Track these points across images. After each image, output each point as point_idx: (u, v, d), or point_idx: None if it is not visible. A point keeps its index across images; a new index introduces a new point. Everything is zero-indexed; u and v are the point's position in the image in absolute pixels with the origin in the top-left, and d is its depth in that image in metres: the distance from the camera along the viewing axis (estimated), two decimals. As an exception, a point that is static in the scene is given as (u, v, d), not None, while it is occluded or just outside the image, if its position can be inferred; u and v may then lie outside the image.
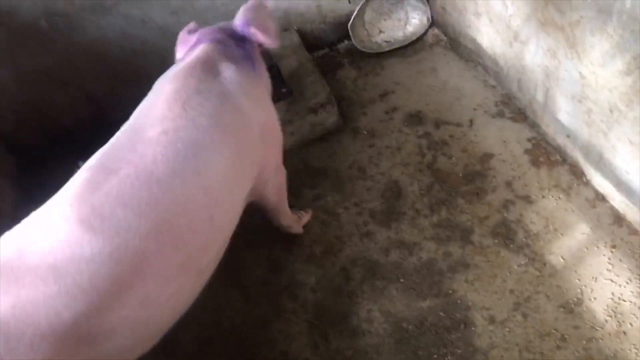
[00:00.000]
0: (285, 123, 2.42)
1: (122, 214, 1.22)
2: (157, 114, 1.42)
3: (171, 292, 1.33)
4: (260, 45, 1.81)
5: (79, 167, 1.34)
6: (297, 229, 2.20)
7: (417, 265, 2.04)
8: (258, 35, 1.74)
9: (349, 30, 2.84)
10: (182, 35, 1.79)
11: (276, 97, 2.66)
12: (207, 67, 1.58)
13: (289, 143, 2.48)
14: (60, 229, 1.17)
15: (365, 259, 2.10)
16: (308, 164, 2.46)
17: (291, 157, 2.51)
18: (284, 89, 2.79)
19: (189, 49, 1.71)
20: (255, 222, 2.29)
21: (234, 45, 1.72)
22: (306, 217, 2.25)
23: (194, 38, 1.73)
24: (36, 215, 1.24)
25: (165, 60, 2.66)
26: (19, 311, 1.06)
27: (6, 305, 1.06)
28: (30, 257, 1.13)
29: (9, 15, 2.26)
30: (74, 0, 2.30)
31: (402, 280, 2.01)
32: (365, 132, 2.53)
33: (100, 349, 1.17)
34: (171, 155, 1.34)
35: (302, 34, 2.86)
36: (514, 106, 2.44)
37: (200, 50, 1.65)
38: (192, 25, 1.80)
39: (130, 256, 1.21)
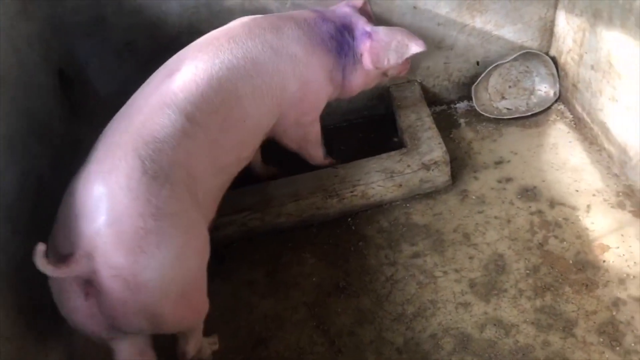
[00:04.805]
0: (395, 173, 2.40)
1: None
2: (230, 31, 2.02)
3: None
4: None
5: None
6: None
7: (513, 349, 1.94)
8: (365, 53, 2.27)
9: (472, 92, 2.80)
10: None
11: (387, 146, 2.67)
12: (286, 20, 2.13)
13: (395, 194, 2.46)
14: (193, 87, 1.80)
15: (458, 330, 2.02)
16: (410, 219, 2.42)
17: (394, 208, 2.48)
18: (395, 139, 2.79)
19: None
20: (349, 268, 2.28)
21: (334, 29, 2.23)
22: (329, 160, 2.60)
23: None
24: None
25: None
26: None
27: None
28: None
29: (156, 27, 2.38)
30: (217, 21, 2.38)
31: (494, 360, 1.92)
32: (474, 197, 2.46)
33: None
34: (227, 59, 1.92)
35: (423, 88, 2.84)
36: (637, 200, 2.31)
37: (302, 11, 2.27)
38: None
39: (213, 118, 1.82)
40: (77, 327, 1.56)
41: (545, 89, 2.84)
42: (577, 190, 2.41)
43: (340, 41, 2.25)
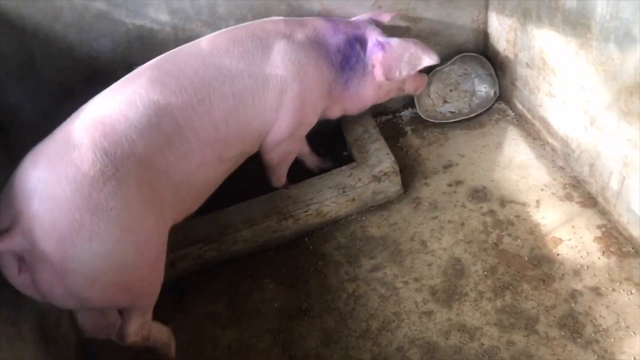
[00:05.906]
0: (347, 188, 2.40)
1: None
2: (234, 31, 2.10)
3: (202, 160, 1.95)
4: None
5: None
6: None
7: (479, 352, 1.96)
8: (377, 64, 2.26)
9: (415, 99, 2.83)
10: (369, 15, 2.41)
11: (338, 160, 2.66)
12: (294, 26, 2.16)
13: (349, 209, 2.45)
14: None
15: (424, 339, 2.02)
16: (367, 232, 2.42)
17: (350, 223, 2.47)
18: (345, 152, 2.79)
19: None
20: (310, 289, 2.26)
21: (344, 41, 2.23)
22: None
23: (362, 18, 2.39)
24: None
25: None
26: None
27: None
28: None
29: (89, 66, 2.33)
30: (151, 53, 2.35)
31: (462, 366, 1.93)
32: (427, 203, 2.48)
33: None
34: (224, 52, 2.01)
35: (367, 99, 2.85)
36: (584, 191, 2.36)
37: (314, 19, 2.27)
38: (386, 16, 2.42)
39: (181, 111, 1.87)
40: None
41: (485, 90, 2.88)
42: (525, 187, 2.45)
43: (347, 55, 2.24)
